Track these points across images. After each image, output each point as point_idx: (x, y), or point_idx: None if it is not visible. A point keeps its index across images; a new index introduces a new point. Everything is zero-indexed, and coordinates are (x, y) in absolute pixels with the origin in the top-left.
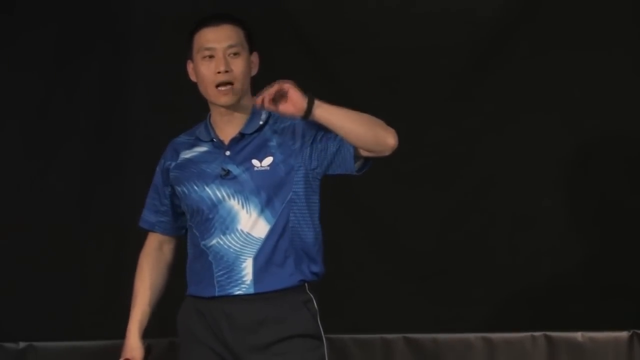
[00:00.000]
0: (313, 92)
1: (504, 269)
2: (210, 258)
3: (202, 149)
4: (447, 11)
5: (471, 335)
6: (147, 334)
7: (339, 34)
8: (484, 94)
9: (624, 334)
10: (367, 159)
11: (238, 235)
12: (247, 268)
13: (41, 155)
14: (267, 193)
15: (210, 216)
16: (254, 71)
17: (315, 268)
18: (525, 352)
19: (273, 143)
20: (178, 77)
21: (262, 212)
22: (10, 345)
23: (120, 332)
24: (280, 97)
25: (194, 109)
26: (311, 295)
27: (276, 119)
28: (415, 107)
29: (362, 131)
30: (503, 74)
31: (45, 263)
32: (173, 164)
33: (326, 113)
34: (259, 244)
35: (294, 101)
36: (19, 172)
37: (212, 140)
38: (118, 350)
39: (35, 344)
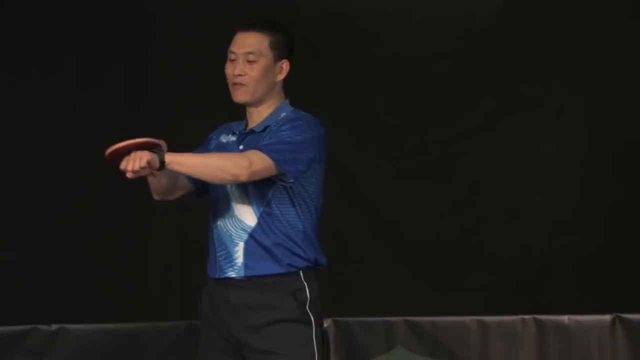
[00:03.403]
0: (319, 96)
1: (497, 258)
2: (215, 239)
3: (231, 138)
4: (446, 18)
5: (467, 318)
6: (167, 316)
7: (345, 39)
8: (479, 96)
9: (607, 317)
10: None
11: (234, 220)
12: (239, 252)
13: (73, 148)
14: (255, 185)
15: (218, 200)
16: (280, 76)
17: (306, 255)
18: (516, 333)
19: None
20: (199, 76)
21: (250, 201)
22: (43, 327)
23: (146, 315)
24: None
25: (210, 106)
26: (305, 284)
27: (282, 123)
28: (415, 108)
29: (206, 176)
30: (497, 77)
31: (76, 250)
32: (214, 138)
33: (176, 165)
34: (249, 230)
35: (150, 161)
36: (53, 164)
37: (239, 132)
38: (144, 332)
39: (66, 326)
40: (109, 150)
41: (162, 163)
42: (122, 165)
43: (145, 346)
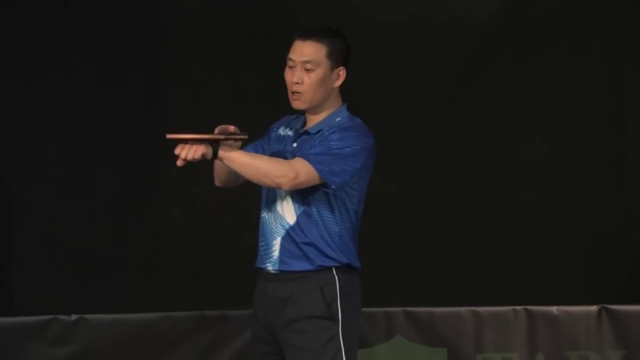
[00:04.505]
0: None
1: (490, 252)
2: (261, 229)
3: (289, 132)
4: (442, 27)
5: (462, 309)
6: (180, 307)
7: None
8: (472, 99)
9: (594, 308)
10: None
11: (276, 215)
12: (276, 246)
13: (92, 148)
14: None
15: (268, 193)
16: (337, 83)
17: (338, 258)
18: (508, 323)
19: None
20: (213, 79)
21: (293, 200)
22: (63, 317)
23: (160, 306)
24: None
25: (223, 108)
26: (336, 277)
27: (333, 130)
28: (415, 111)
29: (251, 177)
30: (490, 82)
31: (94, 244)
32: (275, 129)
33: (228, 160)
34: (287, 227)
35: (204, 154)
36: (73, 164)
37: (295, 130)
38: (158, 322)
39: (85, 316)
40: (173, 135)
41: (216, 154)
42: (177, 151)
43: (159, 335)
